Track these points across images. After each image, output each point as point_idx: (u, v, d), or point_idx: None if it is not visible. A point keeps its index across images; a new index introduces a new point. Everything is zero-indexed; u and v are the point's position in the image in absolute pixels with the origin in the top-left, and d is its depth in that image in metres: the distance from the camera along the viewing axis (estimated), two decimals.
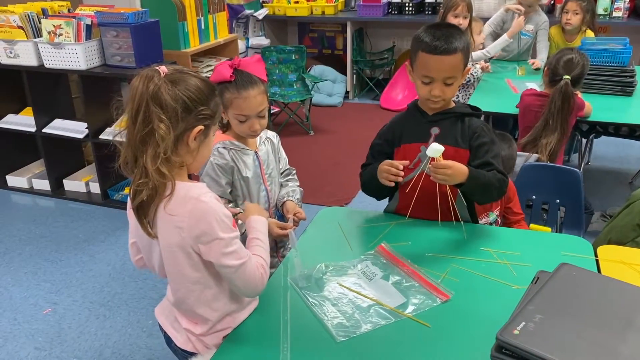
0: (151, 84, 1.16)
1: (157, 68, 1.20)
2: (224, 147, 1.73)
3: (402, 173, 1.62)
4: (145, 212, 1.21)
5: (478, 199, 1.77)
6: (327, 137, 4.90)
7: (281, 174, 1.94)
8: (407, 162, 1.65)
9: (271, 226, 1.67)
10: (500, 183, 1.67)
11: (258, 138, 1.81)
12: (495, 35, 3.92)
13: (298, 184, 1.95)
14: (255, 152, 1.80)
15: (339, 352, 1.24)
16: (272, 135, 1.91)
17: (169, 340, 1.40)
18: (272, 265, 1.79)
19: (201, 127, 1.22)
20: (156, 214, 1.22)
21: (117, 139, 1.22)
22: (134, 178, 1.20)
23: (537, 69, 3.71)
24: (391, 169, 1.63)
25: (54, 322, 2.58)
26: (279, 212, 1.89)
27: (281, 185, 1.93)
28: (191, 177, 1.32)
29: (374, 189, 1.81)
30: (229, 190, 1.76)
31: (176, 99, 1.17)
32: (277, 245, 1.89)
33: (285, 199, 1.86)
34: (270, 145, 1.88)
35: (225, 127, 1.76)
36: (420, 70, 1.66)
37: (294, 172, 1.98)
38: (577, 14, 3.74)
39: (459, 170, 1.58)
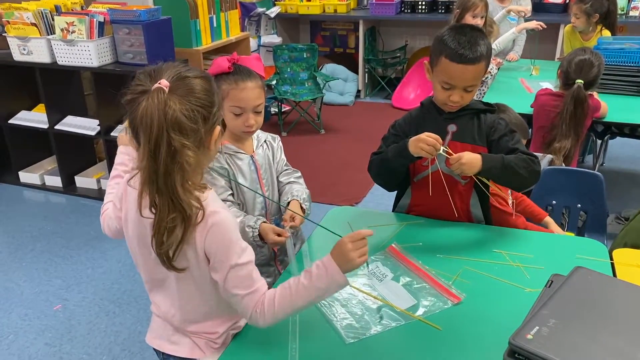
0: (168, 110, 1.02)
1: (159, 85, 1.04)
2: (218, 151, 1.60)
3: (440, 142, 1.54)
4: (174, 254, 1.10)
5: (510, 183, 1.70)
6: (338, 136, 4.88)
7: (280, 174, 1.82)
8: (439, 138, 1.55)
9: (266, 231, 1.56)
10: (526, 162, 1.60)
11: (256, 141, 1.73)
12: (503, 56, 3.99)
13: (305, 187, 1.82)
14: (252, 156, 1.71)
15: (348, 354, 1.23)
16: (273, 138, 1.82)
17: (167, 358, 1.33)
18: (269, 275, 1.72)
19: (219, 126, 1.14)
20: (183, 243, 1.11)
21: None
22: (159, 217, 1.07)
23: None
24: (429, 139, 1.53)
25: (64, 318, 2.59)
26: (277, 220, 1.77)
27: (286, 184, 1.81)
28: None
29: (388, 173, 1.74)
30: (230, 192, 1.66)
31: (193, 114, 1.06)
32: (276, 254, 1.79)
33: (290, 199, 1.72)
34: (270, 149, 1.78)
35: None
36: (441, 76, 1.62)
37: (300, 174, 1.84)
38: (577, 17, 3.68)
39: (472, 157, 1.54)
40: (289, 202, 1.71)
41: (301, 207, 1.70)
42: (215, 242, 1.13)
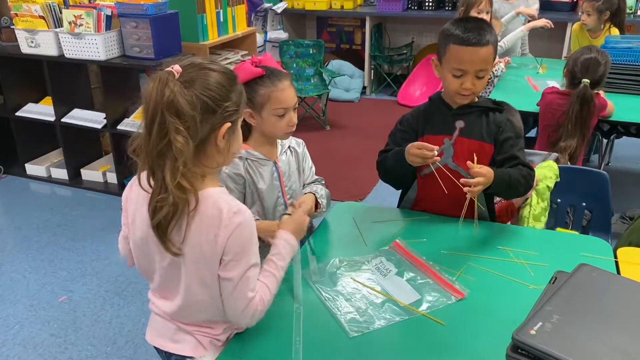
0: (166, 90, 1.06)
1: (170, 69, 1.09)
2: (239, 158, 1.59)
3: (436, 153, 1.59)
4: (165, 230, 1.11)
5: (504, 196, 1.79)
6: (344, 132, 4.88)
7: (307, 184, 1.78)
8: (436, 147, 1.60)
9: (260, 229, 1.40)
10: (525, 179, 1.65)
11: (280, 147, 1.70)
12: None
13: (325, 189, 1.78)
14: (275, 163, 1.67)
15: (352, 347, 1.23)
16: (297, 143, 1.77)
17: (169, 356, 1.31)
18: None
19: (228, 124, 1.14)
20: (187, 229, 1.12)
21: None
22: (152, 193, 1.11)
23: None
24: (425, 152, 1.59)
25: (69, 309, 2.61)
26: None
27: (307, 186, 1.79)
28: None
29: (396, 176, 1.78)
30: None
31: (195, 103, 1.08)
32: None
33: (307, 192, 1.70)
34: (294, 155, 1.74)
35: (244, 136, 1.54)
36: (452, 63, 1.63)
37: (323, 180, 1.82)
38: (589, 14, 3.67)
39: (489, 177, 1.56)
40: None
41: (316, 201, 1.67)
42: (240, 241, 1.14)
